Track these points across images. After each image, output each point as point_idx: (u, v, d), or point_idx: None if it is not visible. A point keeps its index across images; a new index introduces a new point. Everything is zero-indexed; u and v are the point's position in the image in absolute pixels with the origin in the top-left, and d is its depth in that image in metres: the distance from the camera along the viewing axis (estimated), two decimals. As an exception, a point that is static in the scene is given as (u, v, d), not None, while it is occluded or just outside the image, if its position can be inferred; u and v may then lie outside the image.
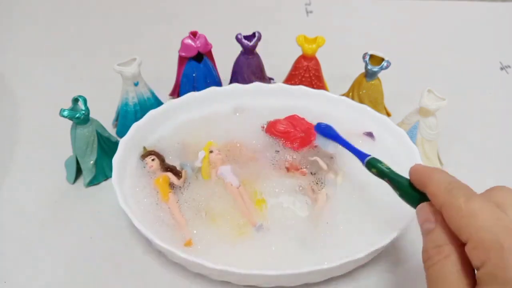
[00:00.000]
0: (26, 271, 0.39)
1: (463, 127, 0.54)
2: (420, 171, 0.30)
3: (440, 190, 0.27)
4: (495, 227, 0.23)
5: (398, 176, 0.32)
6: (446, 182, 0.27)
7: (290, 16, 0.76)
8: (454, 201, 0.26)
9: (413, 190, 0.30)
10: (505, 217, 0.24)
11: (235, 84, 0.51)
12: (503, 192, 0.27)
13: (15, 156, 0.49)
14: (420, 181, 0.29)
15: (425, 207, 0.28)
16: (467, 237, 0.24)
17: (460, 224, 0.25)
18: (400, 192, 0.32)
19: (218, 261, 0.33)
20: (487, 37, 0.72)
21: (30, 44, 0.69)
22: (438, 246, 0.26)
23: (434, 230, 0.27)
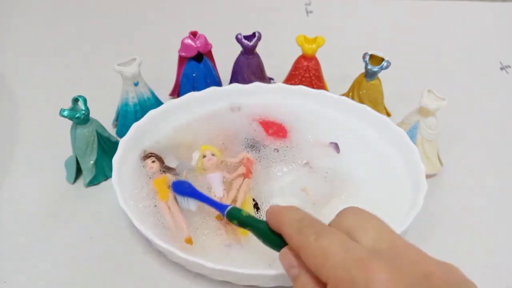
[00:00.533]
0: (26, 271, 0.39)
1: (463, 127, 0.54)
2: (274, 212, 0.29)
3: (292, 230, 0.27)
4: (346, 262, 0.23)
5: (258, 222, 0.31)
6: (297, 220, 0.27)
7: (290, 16, 0.76)
8: (305, 241, 0.25)
9: (273, 235, 0.29)
10: (355, 246, 0.24)
11: (235, 84, 0.51)
12: (352, 215, 0.27)
13: (15, 156, 0.49)
14: (275, 223, 0.29)
15: (286, 253, 0.27)
16: (325, 279, 0.24)
17: (316, 265, 0.25)
18: (262, 238, 0.30)
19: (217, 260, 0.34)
20: (487, 37, 0.72)
21: (30, 44, 0.69)
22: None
23: (299, 275, 0.26)
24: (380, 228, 0.26)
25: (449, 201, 0.45)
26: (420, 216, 0.37)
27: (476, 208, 0.45)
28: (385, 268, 0.23)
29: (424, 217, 0.38)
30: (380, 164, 0.44)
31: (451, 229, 0.43)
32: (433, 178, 0.47)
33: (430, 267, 0.24)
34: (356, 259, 0.23)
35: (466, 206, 0.45)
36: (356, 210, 0.28)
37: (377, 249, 0.24)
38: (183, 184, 0.40)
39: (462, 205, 0.45)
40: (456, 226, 0.43)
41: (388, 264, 0.23)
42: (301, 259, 0.26)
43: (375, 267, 0.23)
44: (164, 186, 0.41)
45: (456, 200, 0.46)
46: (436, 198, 0.45)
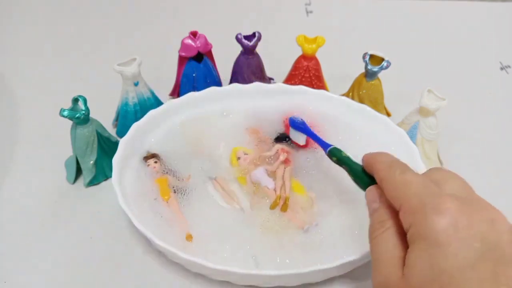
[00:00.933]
0: (26, 271, 0.39)
1: (463, 127, 0.54)
2: (371, 155, 0.32)
3: (382, 167, 0.30)
4: (422, 193, 0.26)
5: (354, 164, 0.35)
6: (388, 160, 0.30)
7: (290, 16, 0.76)
8: (391, 174, 0.28)
9: (365, 175, 0.32)
10: (433, 186, 0.26)
11: (235, 84, 0.51)
12: (440, 171, 0.29)
13: (15, 156, 0.49)
14: (369, 164, 0.32)
15: (372, 189, 0.30)
16: (400, 205, 0.26)
17: (395, 193, 0.27)
18: (354, 177, 0.34)
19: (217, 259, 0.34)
20: (487, 37, 0.72)
21: (30, 44, 0.69)
22: (381, 221, 0.28)
23: (378, 208, 0.29)
24: (463, 183, 0.28)
25: (449, 201, 0.45)
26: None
27: (476, 208, 0.45)
28: (456, 202, 0.24)
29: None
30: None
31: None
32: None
33: (499, 217, 0.25)
34: (432, 192, 0.26)
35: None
36: (444, 169, 0.30)
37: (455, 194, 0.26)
38: (298, 120, 0.44)
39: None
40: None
41: (460, 202, 0.25)
42: (383, 197, 0.29)
43: (447, 199, 0.25)
44: (165, 185, 0.41)
45: (456, 200, 0.46)
46: (436, 198, 0.45)
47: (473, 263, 0.23)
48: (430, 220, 0.24)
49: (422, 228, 0.24)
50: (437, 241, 0.23)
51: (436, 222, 0.24)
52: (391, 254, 0.26)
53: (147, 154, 0.44)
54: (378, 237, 0.27)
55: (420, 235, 0.24)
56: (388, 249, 0.26)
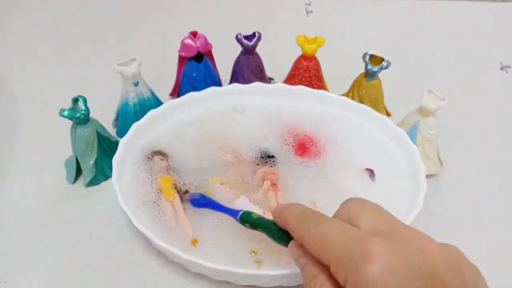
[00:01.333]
0: (26, 271, 0.39)
1: (463, 127, 0.54)
2: (279, 210, 0.31)
3: (294, 224, 0.28)
4: (343, 241, 0.25)
5: (267, 223, 0.33)
6: (299, 214, 0.29)
7: (290, 16, 0.76)
8: (306, 230, 0.27)
9: (283, 233, 0.31)
10: (352, 229, 0.26)
11: (235, 84, 0.51)
12: (354, 204, 0.28)
13: (15, 156, 0.49)
14: (280, 220, 0.30)
15: (293, 246, 0.29)
16: (327, 260, 0.25)
17: (317, 250, 0.26)
18: (273, 237, 0.32)
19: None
20: (487, 37, 0.72)
21: (30, 44, 0.69)
22: (313, 277, 0.27)
23: (306, 264, 0.28)
24: (380, 212, 0.27)
25: (449, 201, 0.45)
26: (420, 216, 0.37)
27: (476, 208, 0.45)
28: (382, 242, 0.24)
29: (424, 217, 0.38)
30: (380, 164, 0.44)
31: (451, 229, 0.43)
32: (433, 178, 0.47)
33: (428, 244, 0.24)
34: (353, 238, 0.25)
35: (466, 206, 0.45)
36: (357, 199, 0.29)
37: (375, 230, 0.25)
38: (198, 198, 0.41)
39: (462, 205, 0.45)
40: (456, 226, 0.43)
41: (385, 240, 0.24)
42: (307, 250, 0.27)
43: (371, 242, 0.24)
44: (169, 185, 0.41)
45: (456, 200, 0.46)
46: (436, 198, 0.45)
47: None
48: (362, 270, 0.23)
49: (358, 280, 0.23)
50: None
51: (370, 271, 0.23)
52: None
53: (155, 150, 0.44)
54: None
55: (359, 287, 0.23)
56: None
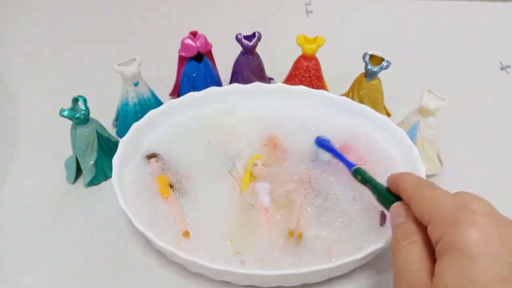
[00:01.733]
0: (26, 271, 0.39)
1: (463, 127, 0.54)
2: (397, 174, 0.33)
3: (409, 185, 0.30)
4: (454, 207, 0.26)
5: (378, 183, 0.36)
6: (415, 179, 0.31)
7: (290, 16, 0.76)
8: (419, 191, 0.29)
9: (389, 194, 0.33)
10: (464, 203, 0.27)
11: (235, 84, 0.51)
12: (466, 193, 0.29)
13: (15, 156, 0.49)
14: (395, 183, 0.32)
15: (398, 206, 0.31)
16: (429, 218, 0.27)
17: (424, 208, 0.28)
18: (378, 195, 0.35)
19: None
20: (487, 37, 0.72)
21: (30, 44, 0.69)
22: (408, 234, 0.28)
23: (405, 222, 0.29)
24: (489, 204, 0.28)
25: (449, 201, 0.45)
26: (420, 216, 0.37)
27: (476, 208, 0.45)
28: (488, 218, 0.25)
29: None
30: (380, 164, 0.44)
31: (451, 229, 0.43)
32: (433, 178, 0.47)
33: None
34: (463, 207, 0.26)
35: (466, 206, 0.45)
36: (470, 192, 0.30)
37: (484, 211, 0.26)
38: (324, 140, 0.45)
39: (462, 205, 0.45)
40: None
41: (491, 217, 0.25)
42: (409, 212, 0.29)
43: (478, 214, 0.25)
44: (165, 183, 0.42)
45: (456, 200, 0.46)
46: (436, 198, 0.45)
47: (506, 277, 0.23)
48: (463, 232, 0.24)
49: (454, 240, 0.24)
50: (470, 252, 0.23)
51: (470, 234, 0.24)
52: (417, 265, 0.26)
53: (148, 154, 0.44)
54: (404, 248, 0.28)
55: (452, 246, 0.24)
56: (415, 260, 0.26)
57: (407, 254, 0.27)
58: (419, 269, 0.26)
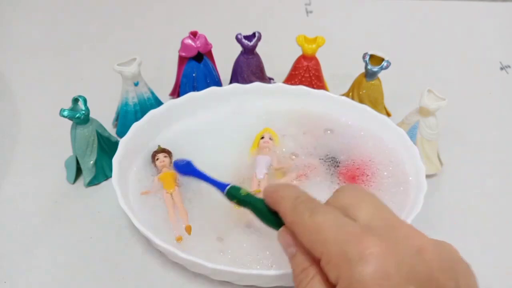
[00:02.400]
0: (26, 271, 0.39)
1: (463, 127, 0.54)
2: (271, 190, 0.29)
3: (287, 208, 0.27)
4: (339, 237, 0.23)
5: (256, 201, 0.31)
6: (293, 198, 0.27)
7: (290, 16, 0.76)
8: (299, 218, 0.25)
9: (272, 215, 0.29)
10: (348, 222, 0.24)
11: (235, 84, 0.51)
12: (349, 192, 0.27)
13: (15, 156, 0.49)
14: (272, 201, 0.29)
15: (284, 232, 0.27)
16: (319, 253, 0.24)
17: (310, 241, 0.25)
18: (261, 217, 0.30)
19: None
20: (487, 37, 0.72)
21: (30, 44, 0.69)
22: (304, 269, 0.25)
23: (296, 254, 0.26)
24: (377, 206, 0.26)
25: (449, 201, 0.45)
26: (420, 216, 0.37)
27: (476, 208, 0.45)
28: (378, 242, 0.22)
29: (424, 217, 0.38)
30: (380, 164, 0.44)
31: (451, 229, 0.43)
32: (433, 178, 0.47)
33: (424, 243, 0.24)
34: (349, 234, 0.23)
35: (466, 206, 0.45)
36: (353, 187, 0.28)
37: (371, 225, 0.24)
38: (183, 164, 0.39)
39: (462, 205, 0.45)
40: (456, 226, 0.43)
41: (381, 239, 0.23)
42: (298, 240, 0.26)
43: (368, 241, 0.23)
44: (171, 179, 0.42)
45: (456, 200, 0.46)
46: (436, 198, 0.45)
47: None
48: (357, 272, 0.22)
49: (351, 282, 0.22)
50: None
51: (364, 273, 0.22)
52: None
53: (158, 149, 0.44)
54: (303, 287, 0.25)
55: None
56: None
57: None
58: None
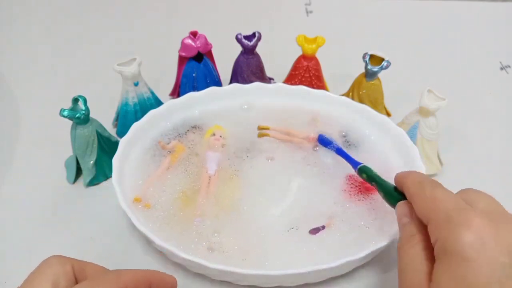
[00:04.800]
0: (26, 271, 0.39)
1: (463, 127, 0.54)
2: (403, 173, 0.33)
3: (412, 184, 0.30)
4: (450, 208, 0.26)
5: (383, 181, 0.36)
6: (419, 177, 0.31)
7: (290, 16, 0.76)
8: (421, 190, 0.29)
9: (395, 192, 0.34)
10: (462, 202, 0.27)
11: (235, 84, 0.51)
12: (473, 191, 0.29)
13: (15, 156, 0.49)
14: (400, 181, 0.33)
15: (402, 205, 0.31)
16: (428, 219, 0.27)
17: (424, 208, 0.28)
18: (384, 194, 0.35)
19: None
20: (487, 37, 0.72)
21: (30, 44, 0.69)
22: (411, 235, 0.28)
23: (409, 223, 0.29)
24: (494, 201, 0.28)
25: (449, 201, 0.45)
26: (420, 216, 0.37)
27: (476, 208, 0.45)
28: (483, 216, 0.25)
29: (424, 217, 0.38)
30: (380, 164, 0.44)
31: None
32: (433, 178, 0.47)
33: None
34: (460, 207, 0.26)
35: (466, 206, 0.45)
36: (477, 190, 0.29)
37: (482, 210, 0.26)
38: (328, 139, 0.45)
39: (462, 205, 0.45)
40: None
41: (487, 216, 0.25)
42: (414, 212, 0.29)
43: (474, 215, 0.25)
44: (179, 152, 0.44)
45: (456, 200, 0.46)
46: (436, 198, 0.45)
47: (501, 279, 0.22)
48: (456, 234, 0.24)
49: (448, 243, 0.24)
50: (463, 256, 0.23)
51: (462, 237, 0.24)
52: (418, 269, 0.26)
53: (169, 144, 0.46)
54: (407, 251, 0.28)
55: (446, 250, 0.24)
56: (415, 263, 0.27)
57: (409, 256, 0.27)
58: (419, 271, 0.26)
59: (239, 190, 0.42)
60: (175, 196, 0.41)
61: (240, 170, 0.43)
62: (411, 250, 0.28)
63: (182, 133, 0.47)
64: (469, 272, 0.23)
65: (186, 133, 0.47)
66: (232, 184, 0.42)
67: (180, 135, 0.46)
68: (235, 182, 0.42)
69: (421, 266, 0.26)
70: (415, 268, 0.26)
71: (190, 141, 0.46)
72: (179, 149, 0.45)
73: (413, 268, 0.27)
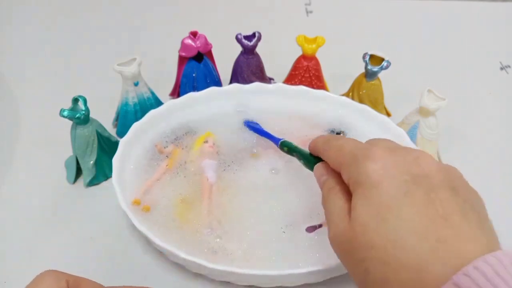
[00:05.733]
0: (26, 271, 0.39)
1: (463, 127, 0.54)
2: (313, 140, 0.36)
3: (322, 143, 0.34)
4: (354, 149, 0.29)
5: (301, 150, 0.39)
6: (326, 137, 0.35)
7: (290, 16, 0.76)
8: (329, 145, 0.33)
9: (312, 157, 0.36)
10: (364, 143, 0.31)
11: (235, 84, 0.51)
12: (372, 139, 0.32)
13: (15, 156, 0.49)
14: (312, 146, 0.36)
15: (319, 166, 0.34)
16: (340, 165, 0.30)
17: (334, 157, 0.31)
18: (304, 161, 0.38)
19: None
20: (487, 37, 0.72)
21: (30, 44, 0.69)
22: (330, 188, 0.31)
23: (327, 179, 0.32)
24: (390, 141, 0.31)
25: (449, 201, 0.45)
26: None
27: (476, 208, 0.45)
28: (385, 150, 0.28)
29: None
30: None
31: (451, 229, 0.43)
32: (433, 178, 0.47)
33: (423, 154, 0.28)
34: (362, 146, 0.30)
35: (466, 206, 0.45)
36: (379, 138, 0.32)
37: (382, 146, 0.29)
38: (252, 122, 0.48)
39: (462, 205, 0.45)
40: (456, 226, 0.43)
41: (386, 149, 0.28)
42: (330, 170, 0.32)
43: (375, 149, 0.28)
44: (175, 157, 0.44)
45: (456, 200, 0.46)
46: (436, 198, 0.45)
47: (406, 191, 0.25)
48: (363, 167, 0.27)
49: (357, 175, 0.27)
50: (371, 182, 0.26)
51: (368, 167, 0.27)
52: (340, 208, 0.29)
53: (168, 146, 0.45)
54: (329, 201, 0.30)
55: (357, 182, 0.27)
56: (337, 206, 0.29)
57: (331, 202, 0.30)
58: (341, 210, 0.28)
59: (239, 195, 0.41)
60: (174, 201, 0.40)
61: (238, 174, 0.43)
62: (332, 197, 0.30)
63: (180, 136, 0.46)
64: (378, 193, 0.26)
65: (184, 135, 0.46)
66: (232, 190, 0.42)
67: (178, 138, 0.46)
68: (234, 188, 0.42)
69: (342, 206, 0.28)
70: (336, 209, 0.29)
71: (186, 146, 0.45)
72: (176, 153, 0.45)
73: (335, 210, 0.29)
